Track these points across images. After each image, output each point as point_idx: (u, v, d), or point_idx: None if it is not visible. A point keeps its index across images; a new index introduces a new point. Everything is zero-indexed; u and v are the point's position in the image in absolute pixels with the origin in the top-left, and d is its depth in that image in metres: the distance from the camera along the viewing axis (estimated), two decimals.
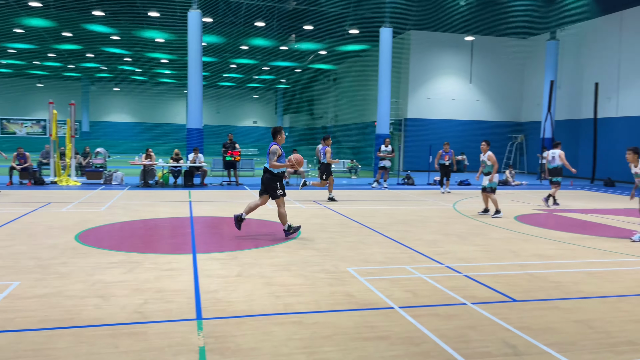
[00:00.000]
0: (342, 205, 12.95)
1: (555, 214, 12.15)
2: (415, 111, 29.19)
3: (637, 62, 22.35)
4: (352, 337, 4.16)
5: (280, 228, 8.79)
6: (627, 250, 7.91)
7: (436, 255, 7.27)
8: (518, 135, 30.38)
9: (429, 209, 12.47)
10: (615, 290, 5.69)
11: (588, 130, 24.40)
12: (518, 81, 30.65)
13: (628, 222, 10.95)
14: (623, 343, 4.13)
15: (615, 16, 23.37)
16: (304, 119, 51.90)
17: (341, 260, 6.84)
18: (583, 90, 25.46)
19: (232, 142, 18.00)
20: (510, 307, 5.01)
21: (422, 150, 27.37)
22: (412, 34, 28.53)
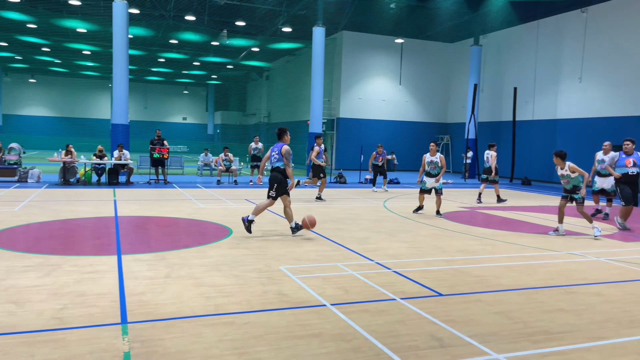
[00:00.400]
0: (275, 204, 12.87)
1: (478, 211, 12.77)
2: (347, 111, 29.64)
3: (551, 69, 23.98)
4: (284, 336, 4.14)
5: (212, 226, 8.61)
6: (542, 245, 8.45)
7: (367, 252, 7.41)
8: (444, 135, 31.66)
9: (360, 207, 12.70)
10: (531, 282, 6.05)
11: (508, 132, 25.87)
12: (445, 84, 31.93)
13: (543, 219, 11.71)
14: (539, 332, 4.40)
15: (532, 25, 24.93)
16: (235, 116, 51.21)
17: (274, 259, 6.80)
18: (503, 94, 26.96)
19: (160, 139, 17.41)
20: (437, 301, 5.20)
21: (354, 149, 27.85)
22: (345, 35, 28.93)
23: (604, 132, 20.78)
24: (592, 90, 21.88)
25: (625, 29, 20.36)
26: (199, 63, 38.75)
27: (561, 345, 4.12)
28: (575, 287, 5.92)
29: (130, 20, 21.30)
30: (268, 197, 8.43)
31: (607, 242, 8.91)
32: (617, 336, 4.36)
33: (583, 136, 21.96)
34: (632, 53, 20.02)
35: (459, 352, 3.91)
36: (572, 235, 9.47)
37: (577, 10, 22.42)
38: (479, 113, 27.40)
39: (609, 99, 21.06)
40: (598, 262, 7.26)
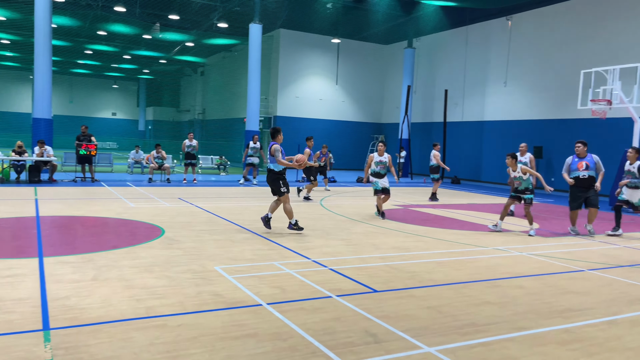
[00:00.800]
0: (210, 202, 12.65)
1: (411, 209, 13.15)
2: (284, 109, 29.58)
3: (479, 73, 25.14)
4: (220, 337, 4.06)
5: (144, 226, 8.31)
6: (470, 241, 8.84)
7: (304, 250, 7.43)
8: (379, 135, 32.36)
9: (297, 206, 12.71)
10: (460, 277, 6.31)
11: (439, 132, 26.84)
12: (379, 84, 32.62)
13: (472, 216, 12.25)
14: (467, 325, 4.59)
15: (462, 30, 26.01)
16: (169, 112, 49.71)
17: (208, 259, 6.66)
18: (435, 96, 27.94)
19: (87, 135, 16.57)
20: (372, 297, 5.29)
21: (291, 148, 27.80)
22: (282, 33, 28.85)
23: (527, 134, 22.05)
24: (516, 94, 23.14)
25: (547, 37, 21.69)
26: (129, 56, 37.22)
27: (487, 336, 4.32)
28: (500, 280, 6.23)
29: (54, 8, 20.12)
30: (281, 194, 8.69)
31: (528, 238, 9.45)
32: (538, 326, 4.64)
33: (508, 138, 23.19)
34: (553, 60, 21.37)
35: (392, 346, 4.00)
36: (500, 232, 9.97)
37: (503, 17, 23.63)
38: (412, 114, 28.23)
39: (531, 102, 22.36)
40: (521, 257, 7.69)
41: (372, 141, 32.40)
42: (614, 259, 7.86)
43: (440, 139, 26.23)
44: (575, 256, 7.92)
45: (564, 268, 7.06)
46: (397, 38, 29.57)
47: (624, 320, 4.93)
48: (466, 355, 3.90)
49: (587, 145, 9.88)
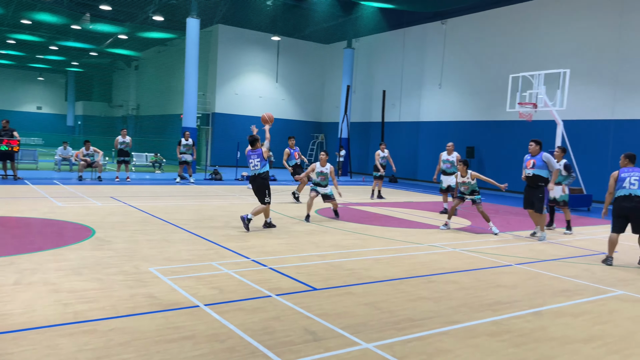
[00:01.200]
0: (145, 201, 12.21)
1: (351, 207, 13.32)
2: (223, 106, 29.09)
3: (416, 75, 25.85)
4: (154, 340, 3.92)
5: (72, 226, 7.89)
6: (407, 239, 9.07)
7: (242, 250, 7.33)
8: (319, 134, 32.54)
9: (236, 204, 12.54)
10: (397, 273, 6.46)
11: (377, 132, 27.38)
12: (320, 83, 32.80)
13: (408, 214, 12.58)
14: (404, 320, 4.70)
15: (399, 32, 26.65)
16: (100, 107, 47.51)
17: (143, 260, 6.42)
18: (373, 96, 28.46)
19: (9, 130, 15.52)
20: (311, 295, 5.30)
21: (230, 145, 27.42)
22: (220, 28, 28.34)
23: (460, 134, 22.95)
24: (450, 96, 24.01)
25: (480, 42, 22.65)
26: (56, 47, 35.21)
27: (423, 330, 4.45)
28: (435, 276, 6.43)
29: None
30: (264, 203, 9.00)
31: (461, 235, 9.83)
32: (470, 319, 4.82)
33: (442, 138, 23.99)
34: (484, 64, 22.34)
35: (331, 344, 4.02)
36: (433, 229, 10.29)
37: (438, 21, 24.44)
38: (351, 113, 28.62)
39: (464, 104, 23.28)
40: (454, 253, 7.98)
41: (312, 140, 32.54)
42: (539, 253, 8.32)
43: (378, 139, 26.76)
44: (504, 251, 8.32)
45: (494, 263, 7.40)
46: (336, 38, 29.84)
47: (548, 311, 5.22)
48: (403, 350, 3.99)
49: (541, 144, 9.62)
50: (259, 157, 9.05)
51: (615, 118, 17.69)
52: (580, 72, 18.09)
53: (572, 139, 16.83)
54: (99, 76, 46.89)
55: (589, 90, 18.38)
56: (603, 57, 18.05)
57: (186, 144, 17.43)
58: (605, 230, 11.52)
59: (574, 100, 17.88)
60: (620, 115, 17.58)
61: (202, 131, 28.91)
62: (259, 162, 9.04)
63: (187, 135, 17.65)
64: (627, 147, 17.37)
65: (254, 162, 9.07)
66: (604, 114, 18.01)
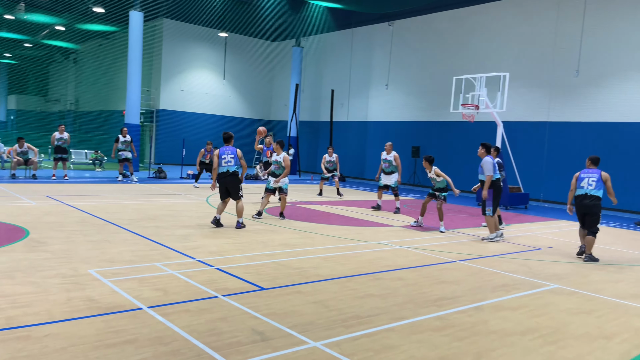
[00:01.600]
0: (84, 200, 11.70)
1: (299, 206, 13.31)
2: (168, 102, 28.34)
3: (364, 75, 26.18)
4: (94, 345, 3.75)
5: (3, 227, 7.44)
6: (354, 237, 9.16)
7: (188, 250, 7.16)
8: (268, 132, 32.33)
9: (181, 204, 12.25)
10: (345, 271, 6.51)
11: (326, 131, 27.53)
12: (268, 81, 32.60)
13: (356, 212, 12.72)
14: (351, 318, 4.74)
15: (348, 32, 26.90)
16: (35, 101, 45.05)
17: (82, 262, 6.14)
18: (322, 95, 28.59)
19: None
20: (259, 295, 5.25)
21: (176, 143, 26.78)
22: (165, 22, 27.59)
23: (406, 134, 23.46)
24: (396, 97, 24.48)
25: (425, 44, 23.22)
26: None
27: (370, 327, 4.50)
28: (381, 273, 6.53)
29: None
30: (238, 198, 9.17)
31: (407, 232, 10.04)
32: (415, 315, 4.93)
33: (389, 137, 24.38)
34: (429, 65, 22.92)
35: (279, 343, 4.00)
36: (380, 227, 10.46)
37: (385, 22, 24.85)
38: (300, 112, 28.62)
39: (410, 105, 23.80)
40: (400, 250, 8.14)
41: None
42: (480, 249, 8.63)
43: (327, 138, 26.92)
44: (447, 249, 8.57)
45: (438, 260, 7.60)
46: (285, 36, 29.75)
47: (488, 305, 5.42)
48: (351, 347, 4.02)
49: (486, 147, 9.59)
50: (232, 154, 9.14)
51: (551, 120, 18.63)
52: (519, 76, 18.92)
53: (511, 140, 17.58)
54: (35, 69, 44.45)
55: (526, 93, 19.26)
56: (540, 63, 18.96)
57: (124, 140, 16.86)
58: (539, 228, 12.12)
59: (513, 103, 18.69)
60: (555, 117, 18.54)
61: (146, 128, 28.06)
62: (233, 158, 9.12)
63: (124, 132, 17.08)
64: (560, 148, 18.37)
65: (227, 157, 9.10)
66: (540, 116, 18.92)
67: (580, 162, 17.67)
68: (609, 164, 16.86)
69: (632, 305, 5.81)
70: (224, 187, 9.19)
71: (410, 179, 23.23)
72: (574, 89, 18.07)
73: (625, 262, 8.40)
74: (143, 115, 26.96)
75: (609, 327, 4.97)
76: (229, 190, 9.20)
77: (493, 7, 20.59)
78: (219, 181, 9.20)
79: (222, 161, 9.13)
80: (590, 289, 6.43)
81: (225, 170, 9.11)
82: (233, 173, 9.13)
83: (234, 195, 9.21)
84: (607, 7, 17.34)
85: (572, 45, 18.05)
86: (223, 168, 9.14)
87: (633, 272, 7.66)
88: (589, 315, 5.29)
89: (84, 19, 26.89)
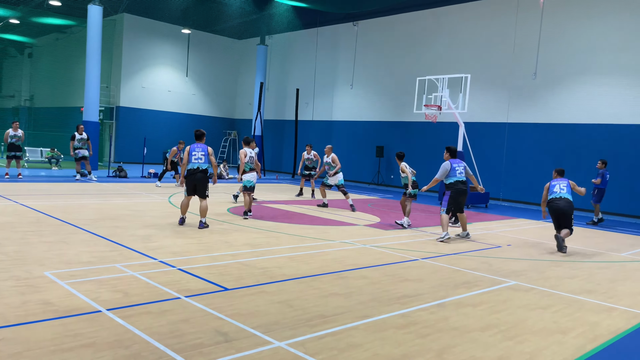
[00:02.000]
0: (39, 200, 11.28)
1: (264, 205, 13.23)
2: (128, 99, 27.66)
3: (328, 74, 26.25)
4: (50, 350, 3.62)
5: None
6: (319, 236, 9.18)
7: (150, 250, 7.01)
8: (232, 131, 32.02)
9: (143, 203, 11.98)
10: (310, 271, 6.51)
11: (291, 130, 27.46)
12: (232, 80, 32.26)
13: (320, 211, 12.74)
14: (316, 317, 4.74)
15: (313, 31, 26.90)
16: None
17: (37, 264, 5.92)
18: (287, 94, 28.51)
19: None
20: (222, 296, 5.19)
21: (137, 141, 26.18)
22: (126, 17, 26.91)
23: (370, 134, 23.66)
24: (361, 97, 24.66)
25: (389, 44, 23.46)
26: None
27: (334, 326, 4.51)
28: (346, 272, 6.56)
29: None
30: (205, 196, 9.11)
31: (372, 231, 10.13)
32: (379, 313, 4.97)
33: (354, 137, 24.62)
34: (393, 66, 23.18)
35: (243, 344, 3.96)
36: (345, 226, 10.51)
37: (350, 23, 24.99)
38: (265, 111, 28.45)
39: (375, 105, 24.01)
40: (364, 249, 8.20)
41: (225, 136, 31.95)
42: (442, 248, 8.80)
43: (292, 137, 26.86)
44: (411, 247, 8.69)
45: (401, 258, 7.70)
46: (250, 34, 29.50)
47: (450, 302, 5.53)
48: (315, 347, 4.02)
49: (451, 150, 9.88)
50: (204, 152, 9.16)
51: (510, 121, 19.16)
52: (480, 78, 19.37)
53: (472, 140, 17.98)
54: None
55: (487, 95, 19.75)
56: (500, 65, 19.47)
57: (81, 138, 16.37)
58: (499, 226, 12.45)
59: (474, 104, 19.12)
60: (514, 119, 19.07)
61: (106, 125, 27.32)
62: (204, 155, 9.14)
63: (81, 129, 16.61)
64: (519, 148, 18.92)
65: (198, 154, 9.09)
66: (500, 118, 19.44)
67: (537, 163, 18.27)
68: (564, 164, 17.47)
69: (587, 300, 6.04)
70: (192, 184, 9.12)
71: (374, 179, 23.45)
72: (532, 92, 18.64)
73: (579, 259, 8.73)
74: (102, 113, 26.23)
75: (565, 322, 5.15)
76: (197, 188, 9.12)
77: (456, 10, 21.00)
78: (188, 177, 9.11)
79: (192, 157, 9.08)
80: (547, 285, 6.65)
81: (196, 167, 9.07)
82: (203, 170, 9.12)
83: (201, 193, 9.12)
84: (563, 13, 17.97)
85: (530, 49, 18.62)
86: (194, 165, 9.08)
87: (587, 268, 7.97)
88: (545, 311, 5.47)
89: (39, 12, 25.92)
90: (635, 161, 16.22)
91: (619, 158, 16.39)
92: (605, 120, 16.92)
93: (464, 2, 20.67)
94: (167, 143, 28.76)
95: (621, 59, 16.60)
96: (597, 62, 17.11)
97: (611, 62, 16.81)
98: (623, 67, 16.56)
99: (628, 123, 16.45)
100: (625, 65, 16.52)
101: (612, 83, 16.76)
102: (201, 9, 25.07)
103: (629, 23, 16.49)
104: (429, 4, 21.79)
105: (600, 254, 9.30)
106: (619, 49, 16.64)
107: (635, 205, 16.30)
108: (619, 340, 4.73)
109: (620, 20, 16.70)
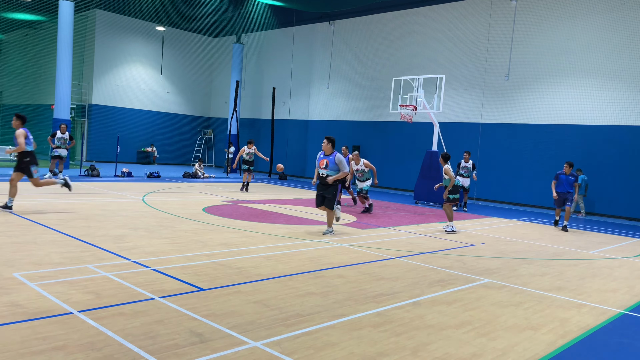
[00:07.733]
0: None
1: (239, 204, 13.15)
2: (101, 97, 27.15)
3: (304, 74, 26.22)
4: (19, 353, 3.53)
5: None
6: (296, 235, 9.16)
7: (123, 251, 6.89)
8: (207, 130, 31.73)
9: (116, 203, 11.77)
10: (286, 270, 6.49)
11: (267, 129, 27.36)
12: (207, 78, 31.96)
13: (297, 210, 12.72)
14: (292, 316, 4.73)
15: (289, 30, 26.85)
16: None
17: (5, 265, 5.76)
18: (263, 93, 28.39)
19: None
20: (198, 296, 5.13)
21: (110, 139, 25.74)
22: (98, 14, 26.41)
23: (347, 133, 23.73)
24: (337, 96, 24.72)
25: (365, 44, 23.58)
26: None
27: (310, 325, 4.51)
28: (323, 271, 6.57)
29: None
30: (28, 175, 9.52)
31: (348, 230, 10.16)
32: (355, 312, 4.99)
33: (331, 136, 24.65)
34: (369, 66, 23.31)
35: (218, 344, 3.93)
36: (321, 225, 10.52)
37: (326, 22, 25.03)
38: (241, 110, 28.28)
39: (351, 104, 24.11)
40: (341, 248, 8.23)
41: (200, 135, 31.64)
42: (417, 246, 8.89)
43: (268, 136, 26.76)
44: (386, 245, 8.75)
45: (377, 257, 7.75)
46: (225, 32, 29.27)
47: (425, 300, 5.59)
48: (291, 346, 4.01)
49: (333, 141, 9.36)
50: None
51: (484, 121, 19.48)
52: (454, 79, 19.63)
53: (446, 140, 18.21)
54: None
55: (461, 96, 20.03)
56: (474, 66, 19.77)
57: (61, 137, 16.05)
58: (472, 225, 12.64)
59: (449, 104, 19.37)
60: (487, 119, 19.39)
61: (77, 123, 26.76)
62: None
63: (63, 128, 16.33)
64: (492, 148, 19.25)
65: None
66: (474, 118, 19.74)
67: (509, 162, 18.61)
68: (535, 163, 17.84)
69: (557, 297, 6.19)
70: None
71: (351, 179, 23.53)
72: (505, 93, 18.99)
73: (550, 256, 8.93)
74: (74, 110, 25.69)
75: (536, 318, 5.26)
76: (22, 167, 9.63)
77: (431, 11, 21.24)
78: None
79: None
80: (519, 282, 6.78)
81: None
82: None
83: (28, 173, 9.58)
84: (535, 15, 18.34)
85: (502, 51, 18.95)
86: None
87: (557, 265, 8.16)
88: (517, 308, 5.58)
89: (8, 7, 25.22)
90: (604, 161, 16.68)
91: (589, 158, 16.83)
92: (575, 121, 17.35)
93: (439, 3, 20.92)
94: (140, 141, 28.38)
95: (589, 61, 17.04)
96: (566, 64, 17.54)
97: (579, 63, 17.25)
98: (590, 68, 17.01)
99: (597, 124, 16.90)
100: (592, 66, 16.97)
101: (581, 84, 17.20)
102: (176, 6, 24.77)
103: (596, 25, 16.94)
104: (404, 4, 21.98)
105: (569, 252, 9.53)
106: (586, 51, 17.08)
107: (601, 204, 16.77)
108: (588, 336, 4.86)
109: (587, 22, 17.15)
